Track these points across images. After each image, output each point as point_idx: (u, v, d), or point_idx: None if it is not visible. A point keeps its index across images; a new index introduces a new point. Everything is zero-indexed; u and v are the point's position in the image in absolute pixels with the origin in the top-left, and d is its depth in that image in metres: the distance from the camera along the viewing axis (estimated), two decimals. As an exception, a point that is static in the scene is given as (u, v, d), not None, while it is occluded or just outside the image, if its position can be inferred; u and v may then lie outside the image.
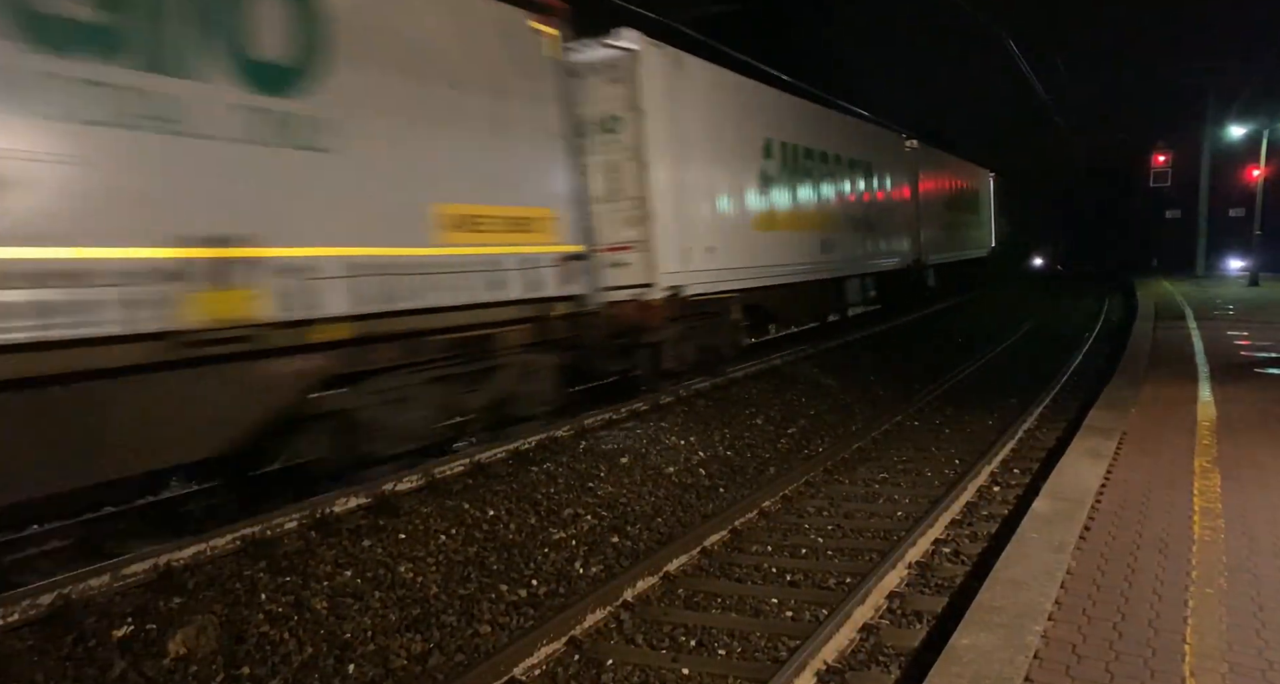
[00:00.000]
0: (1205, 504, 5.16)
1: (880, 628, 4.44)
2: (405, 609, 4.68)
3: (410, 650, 4.32)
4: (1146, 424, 7.36)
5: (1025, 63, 21.89)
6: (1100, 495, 5.39)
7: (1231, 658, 3.28)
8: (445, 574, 5.12)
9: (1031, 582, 3.98)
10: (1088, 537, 4.67)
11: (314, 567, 4.95)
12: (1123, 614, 3.71)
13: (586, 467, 7.13)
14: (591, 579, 5.29)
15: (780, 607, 4.84)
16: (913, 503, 6.63)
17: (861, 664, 4.10)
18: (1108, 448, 6.49)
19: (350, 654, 4.23)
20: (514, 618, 4.74)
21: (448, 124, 6.29)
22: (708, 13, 20.80)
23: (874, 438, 8.84)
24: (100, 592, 4.40)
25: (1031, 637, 3.45)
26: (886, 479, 7.37)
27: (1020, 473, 7.29)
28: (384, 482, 6.19)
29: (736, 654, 4.31)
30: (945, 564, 5.33)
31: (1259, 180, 26.04)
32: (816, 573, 5.29)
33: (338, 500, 5.79)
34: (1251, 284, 25.28)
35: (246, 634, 4.25)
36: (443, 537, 5.57)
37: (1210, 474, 5.78)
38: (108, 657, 3.93)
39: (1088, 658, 3.34)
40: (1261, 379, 9.48)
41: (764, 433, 8.96)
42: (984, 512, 6.33)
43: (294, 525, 5.41)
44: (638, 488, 6.91)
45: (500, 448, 7.20)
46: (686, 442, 8.21)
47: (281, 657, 4.14)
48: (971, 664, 3.22)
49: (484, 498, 6.24)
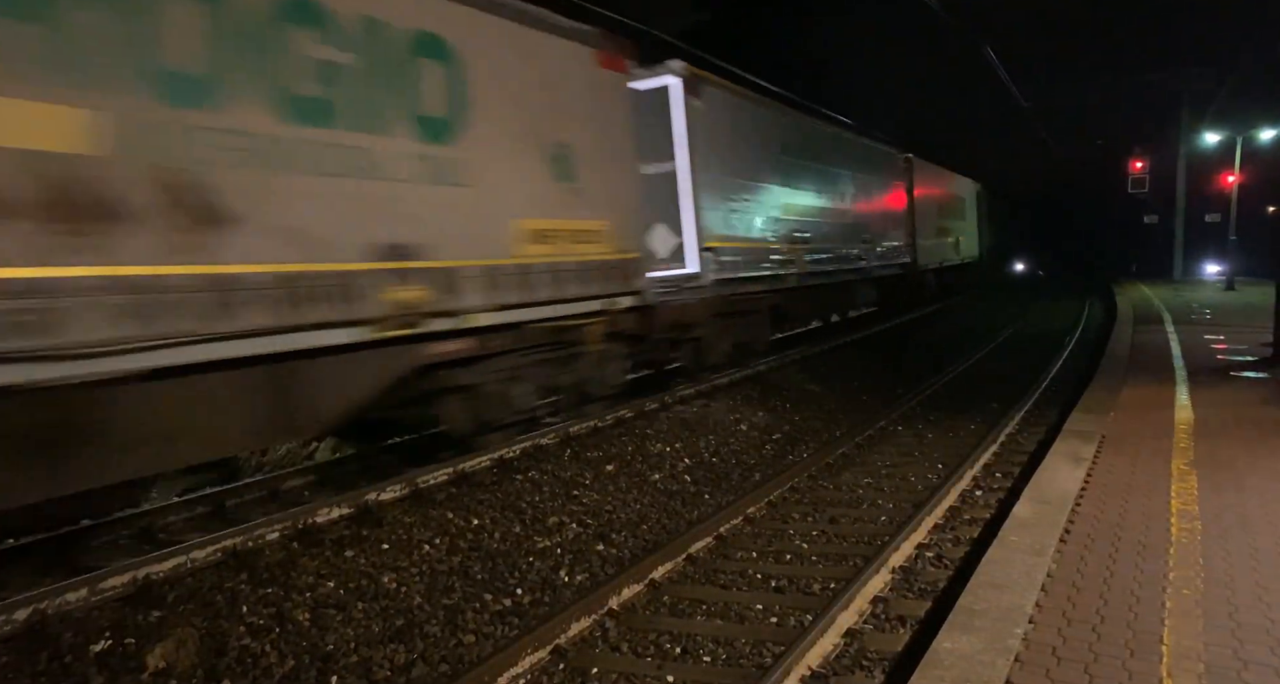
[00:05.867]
0: (1183, 506, 5.22)
1: (864, 632, 4.46)
2: (389, 620, 4.65)
3: (394, 661, 4.29)
4: (1125, 427, 7.45)
5: (1004, 71, 22.17)
6: (1080, 498, 5.45)
7: (1208, 658, 3.33)
8: (429, 584, 5.10)
9: (1012, 585, 4.02)
10: (1068, 540, 4.72)
11: (296, 578, 4.91)
12: (1102, 616, 3.75)
13: (572, 474, 7.12)
14: (576, 588, 5.28)
15: (765, 612, 4.85)
16: (896, 507, 6.67)
17: (845, 669, 4.12)
18: (1087, 451, 6.56)
19: (333, 666, 4.19)
20: (498, 627, 4.72)
21: (543, 158, 7.73)
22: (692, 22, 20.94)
23: (858, 443, 8.89)
24: (77, 606, 4.34)
25: (1012, 639, 3.48)
26: (870, 484, 7.41)
27: (1002, 477, 7.35)
28: (366, 492, 6.16)
29: (721, 661, 4.31)
30: (928, 568, 5.36)
31: (1234, 186, 26.47)
32: (801, 578, 5.31)
33: (320, 511, 5.75)
34: (1227, 288, 25.66)
35: (227, 647, 4.20)
36: (426, 546, 5.54)
37: (1188, 476, 5.86)
38: (85, 672, 3.88)
39: (1067, 660, 3.37)
40: (1237, 382, 9.63)
41: (749, 439, 8.99)
42: (966, 516, 6.37)
43: (275, 536, 5.37)
44: (623, 495, 6.91)
45: (484, 456, 7.18)
46: (672, 448, 8.22)
47: (263, 669, 4.10)
48: (954, 667, 3.25)
49: (468, 507, 6.22)
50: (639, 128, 9.30)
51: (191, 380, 4.93)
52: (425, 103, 6.44)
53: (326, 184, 5.65)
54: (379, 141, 6.03)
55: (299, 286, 5.36)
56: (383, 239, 6.02)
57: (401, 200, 6.19)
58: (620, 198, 8.81)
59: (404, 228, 6.18)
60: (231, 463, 7.31)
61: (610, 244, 8.55)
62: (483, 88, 6.96)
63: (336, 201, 5.69)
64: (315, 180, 5.57)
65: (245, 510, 6.30)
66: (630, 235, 8.96)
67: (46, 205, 4.19)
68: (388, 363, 6.23)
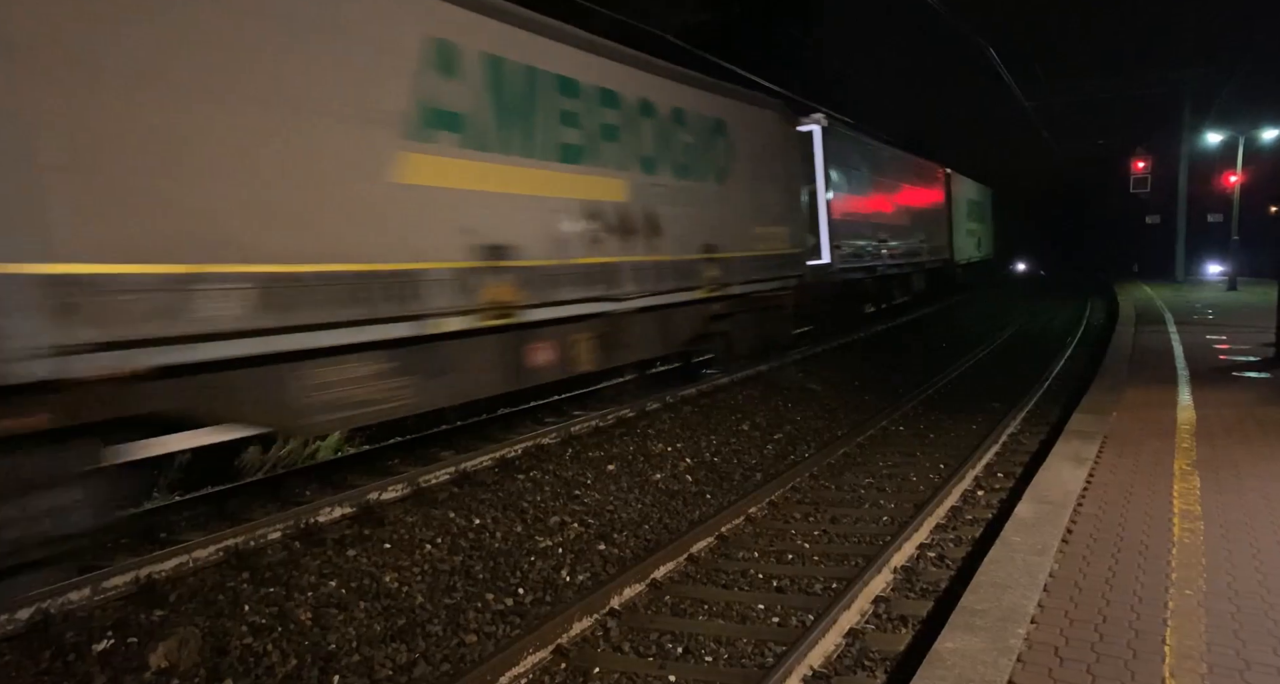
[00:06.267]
0: (1185, 507, 5.22)
1: (866, 633, 4.46)
2: (390, 619, 4.66)
3: (395, 661, 4.29)
4: (1127, 428, 7.44)
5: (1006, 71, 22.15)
6: (1082, 499, 5.45)
7: (1210, 658, 3.32)
8: (431, 584, 5.10)
9: (1015, 585, 4.02)
10: (1070, 540, 4.72)
11: (298, 577, 4.91)
12: (1104, 616, 3.75)
13: (573, 474, 7.13)
14: (578, 587, 5.28)
15: (767, 612, 4.85)
16: (898, 508, 6.67)
17: (848, 669, 4.12)
18: (1090, 451, 6.55)
19: (334, 665, 4.19)
20: (500, 627, 4.72)
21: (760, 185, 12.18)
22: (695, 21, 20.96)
23: (859, 443, 8.88)
24: (80, 605, 4.35)
25: (1015, 639, 3.47)
26: (872, 484, 7.40)
27: (1004, 477, 7.35)
28: (368, 491, 6.16)
29: (723, 661, 4.31)
30: (930, 568, 5.36)
31: (1236, 186, 26.42)
32: (803, 578, 5.31)
33: (321, 510, 5.76)
34: (1230, 289, 25.60)
35: (229, 646, 4.21)
36: (428, 546, 5.55)
37: (1190, 477, 5.86)
38: (87, 671, 3.88)
39: (1070, 660, 3.37)
40: (1240, 382, 9.61)
41: (750, 439, 8.99)
42: (968, 516, 6.37)
43: (277, 536, 5.38)
44: (625, 495, 6.91)
45: (486, 456, 7.18)
46: (673, 448, 8.22)
47: (265, 668, 4.10)
48: (955, 667, 3.24)
49: (470, 506, 6.22)
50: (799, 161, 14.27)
51: (656, 313, 9.57)
52: (718, 160, 10.97)
53: (686, 210, 10.02)
54: (704, 185, 10.56)
55: (679, 267, 9.83)
56: (704, 241, 10.41)
57: (709, 219, 10.58)
58: (792, 210, 13.39)
59: (712, 235, 10.59)
60: (233, 462, 7.32)
61: (789, 242, 13.05)
62: (738, 146, 11.46)
63: (687, 221, 10.01)
64: (683, 208, 9.96)
65: (247, 510, 6.31)
66: (798, 236, 13.50)
67: (618, 226, 8.68)
68: (699, 313, 10.54)
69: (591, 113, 8.35)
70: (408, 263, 6.13)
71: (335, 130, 5.64)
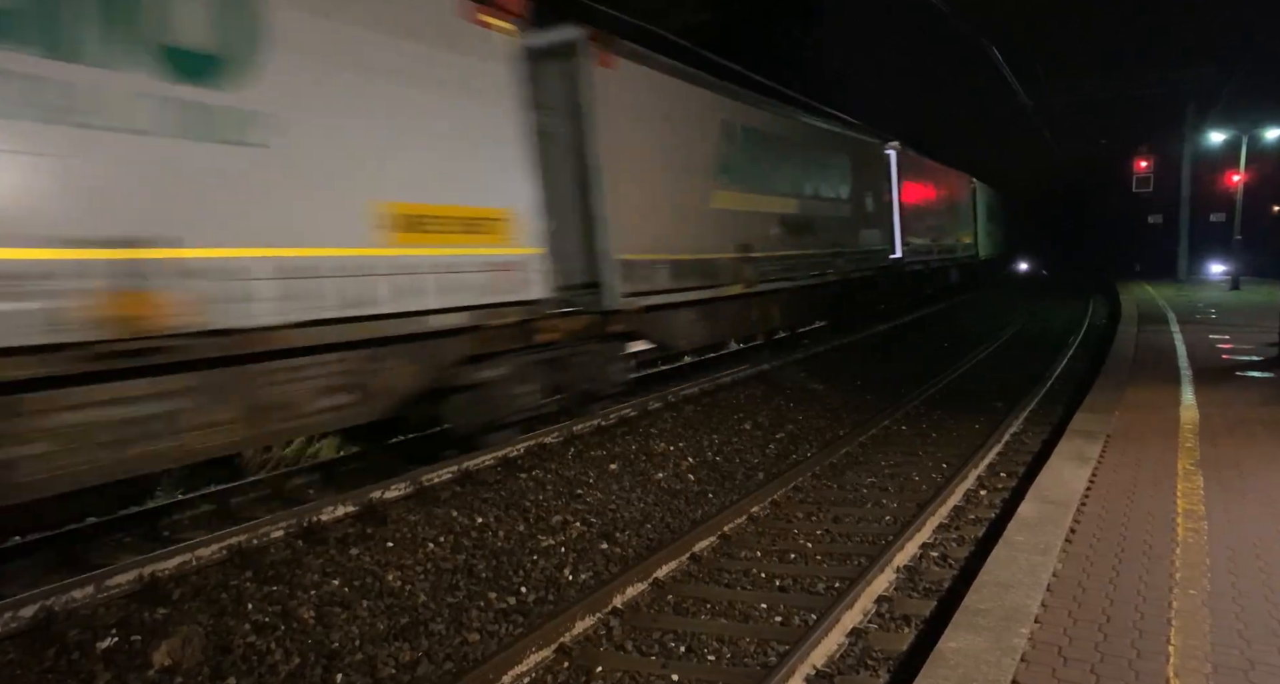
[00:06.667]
0: (1188, 506, 5.21)
1: (869, 632, 4.46)
2: (393, 618, 4.66)
3: (398, 659, 4.29)
4: (1130, 427, 7.44)
5: (1008, 70, 22.13)
6: (1085, 498, 5.44)
7: (1215, 658, 3.32)
8: (433, 582, 5.10)
9: (1018, 585, 4.01)
10: (1073, 540, 4.71)
11: (301, 576, 4.91)
12: (1108, 616, 3.74)
13: (575, 473, 7.13)
14: (581, 586, 5.28)
15: (770, 612, 4.85)
16: (900, 507, 6.66)
17: (850, 669, 4.11)
18: (1092, 451, 6.55)
19: (338, 663, 4.20)
20: (503, 626, 4.72)
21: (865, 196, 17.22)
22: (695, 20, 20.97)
23: (861, 443, 8.88)
24: (84, 603, 4.36)
25: (1018, 639, 3.47)
26: (874, 484, 7.40)
27: (1006, 476, 7.34)
28: (371, 490, 6.17)
29: (726, 660, 4.31)
30: (933, 568, 5.35)
31: (1239, 186, 26.38)
32: (805, 578, 5.30)
33: (324, 509, 5.76)
34: (1232, 288, 25.56)
35: (232, 645, 4.21)
36: (431, 545, 5.55)
37: (1193, 476, 5.85)
38: (91, 669, 3.89)
39: (1073, 660, 3.36)
40: (1242, 382, 9.60)
41: (752, 438, 8.98)
42: (970, 515, 6.36)
43: (280, 534, 5.37)
44: (627, 494, 6.91)
45: (488, 455, 7.18)
46: (675, 447, 8.21)
47: (268, 667, 4.10)
48: (959, 667, 3.24)
49: (472, 505, 6.22)
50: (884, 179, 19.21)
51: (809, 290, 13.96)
52: (843, 180, 15.68)
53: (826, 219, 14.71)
54: (836, 200, 15.22)
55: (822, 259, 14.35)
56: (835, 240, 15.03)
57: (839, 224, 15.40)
58: (881, 217, 18.56)
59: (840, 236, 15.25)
60: (235, 461, 7.32)
61: (880, 241, 18.38)
62: (853, 170, 16.29)
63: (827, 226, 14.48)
64: (825, 217, 14.59)
65: (250, 508, 6.31)
66: (886, 236, 18.91)
67: (792, 230, 13.29)
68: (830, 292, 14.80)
69: (783, 155, 13.26)
70: (712, 254, 10.78)
71: (692, 179, 10.51)
